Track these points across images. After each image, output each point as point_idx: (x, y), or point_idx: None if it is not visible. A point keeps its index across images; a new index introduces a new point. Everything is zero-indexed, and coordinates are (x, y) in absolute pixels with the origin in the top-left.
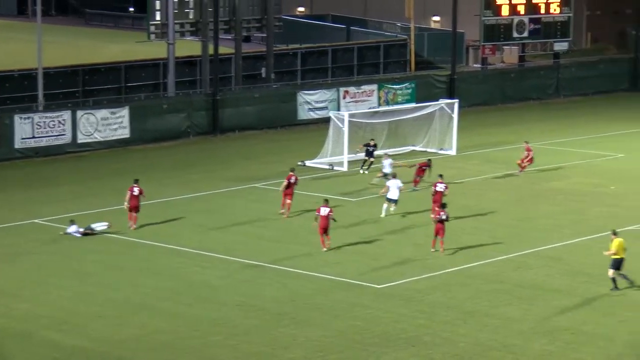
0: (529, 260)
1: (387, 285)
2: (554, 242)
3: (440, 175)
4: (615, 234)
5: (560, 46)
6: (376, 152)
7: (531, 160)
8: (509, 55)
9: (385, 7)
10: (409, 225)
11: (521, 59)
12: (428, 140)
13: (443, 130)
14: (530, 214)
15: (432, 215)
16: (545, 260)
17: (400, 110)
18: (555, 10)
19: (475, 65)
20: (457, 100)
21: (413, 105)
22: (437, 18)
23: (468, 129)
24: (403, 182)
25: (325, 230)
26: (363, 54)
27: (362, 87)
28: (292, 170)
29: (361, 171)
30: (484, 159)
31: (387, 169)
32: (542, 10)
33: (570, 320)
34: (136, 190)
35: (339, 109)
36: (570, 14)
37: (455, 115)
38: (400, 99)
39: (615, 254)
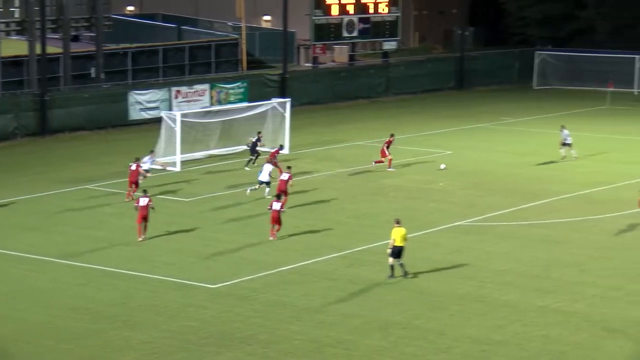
0: (362, 256)
1: (221, 284)
2: (387, 239)
3: (289, 167)
4: (398, 222)
5: (389, 45)
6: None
7: (384, 154)
8: (340, 54)
9: (216, 6)
10: (246, 220)
11: (351, 58)
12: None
13: (276, 129)
14: (364, 211)
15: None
16: (378, 256)
17: (232, 109)
18: (383, 10)
19: (306, 64)
20: (289, 99)
21: (245, 104)
22: (268, 17)
23: (300, 127)
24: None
25: (144, 219)
26: (194, 53)
27: (194, 86)
28: (137, 159)
29: (247, 168)
30: (317, 157)
31: (147, 165)
32: (371, 10)
33: (403, 315)
34: None
35: (170, 109)
36: (399, 14)
37: (287, 114)
38: (232, 99)
39: (395, 242)
